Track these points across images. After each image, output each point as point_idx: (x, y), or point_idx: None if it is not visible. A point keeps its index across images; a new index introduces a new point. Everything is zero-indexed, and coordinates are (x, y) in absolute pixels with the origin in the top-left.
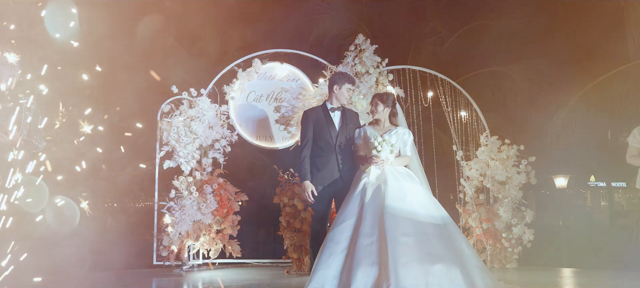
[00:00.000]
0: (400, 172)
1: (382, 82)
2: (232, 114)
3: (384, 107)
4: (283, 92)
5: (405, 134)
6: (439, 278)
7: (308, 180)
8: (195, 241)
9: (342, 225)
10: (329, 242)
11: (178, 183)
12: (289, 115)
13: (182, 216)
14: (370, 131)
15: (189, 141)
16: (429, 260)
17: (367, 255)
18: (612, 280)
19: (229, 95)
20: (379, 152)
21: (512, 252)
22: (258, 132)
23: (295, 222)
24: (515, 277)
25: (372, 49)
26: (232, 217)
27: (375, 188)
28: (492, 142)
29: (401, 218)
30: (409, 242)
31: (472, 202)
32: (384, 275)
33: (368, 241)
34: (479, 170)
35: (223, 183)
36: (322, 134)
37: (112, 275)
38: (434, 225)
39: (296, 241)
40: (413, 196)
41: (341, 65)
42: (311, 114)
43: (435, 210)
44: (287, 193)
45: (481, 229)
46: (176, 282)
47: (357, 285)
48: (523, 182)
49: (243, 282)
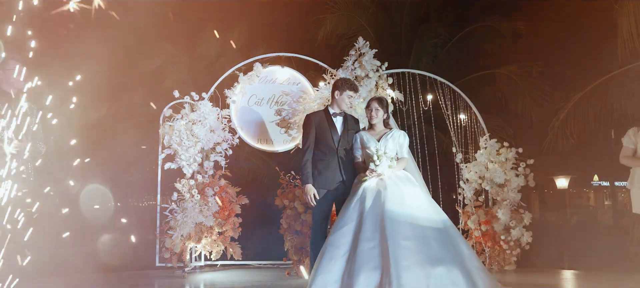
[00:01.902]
0: (399, 176)
1: (381, 86)
2: (233, 118)
3: (384, 113)
4: (284, 95)
5: (401, 136)
6: (441, 281)
7: (310, 183)
8: (197, 243)
9: (342, 229)
10: (330, 246)
11: (180, 186)
12: (289, 118)
13: (184, 218)
14: (366, 136)
15: (190, 144)
16: (430, 263)
17: (369, 259)
18: (610, 281)
19: (230, 98)
20: (377, 166)
21: (511, 254)
22: (259, 135)
23: (296, 224)
24: (514, 279)
25: (372, 52)
26: (233, 219)
27: (375, 194)
28: (490, 145)
29: (401, 222)
30: (410, 245)
31: (471, 204)
32: (386, 278)
33: (369, 245)
34: (478, 173)
35: (224, 186)
36: (324, 138)
37: (115, 276)
38: (434, 228)
39: (297, 243)
40: (413, 200)
41: (341, 69)
42: (313, 118)
43: (435, 213)
44: (288, 195)
45: (480, 231)
46: (178, 284)
47: None
48: (521, 184)
49: (245, 283)
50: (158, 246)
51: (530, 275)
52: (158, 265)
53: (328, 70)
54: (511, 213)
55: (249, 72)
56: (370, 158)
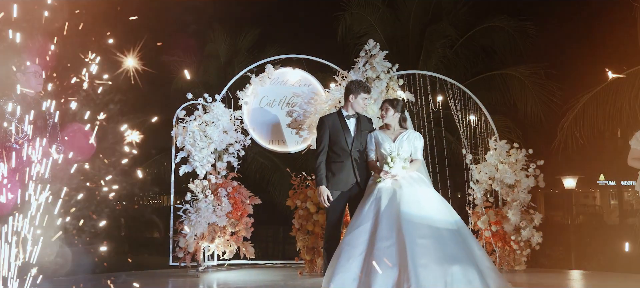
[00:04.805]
0: (413, 177)
1: (392, 87)
2: (245, 119)
3: (394, 112)
4: (295, 97)
5: (416, 138)
6: (458, 279)
7: (323, 185)
8: (210, 243)
9: (358, 229)
10: (346, 246)
11: (193, 187)
12: (300, 119)
13: (197, 219)
14: (381, 136)
15: (204, 145)
16: (447, 262)
17: (387, 258)
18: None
19: (242, 100)
20: (391, 167)
21: (521, 255)
22: (271, 136)
23: (307, 224)
24: (524, 279)
25: (382, 54)
26: (246, 219)
27: (391, 194)
28: (500, 146)
29: (417, 223)
30: (427, 244)
31: (481, 205)
32: (404, 276)
33: (386, 244)
34: (488, 173)
35: (237, 186)
36: (338, 140)
37: (129, 276)
38: (449, 229)
39: (309, 243)
40: (428, 201)
41: (352, 70)
42: (327, 120)
43: (449, 214)
44: (300, 196)
45: (490, 232)
46: (192, 283)
47: (377, 286)
48: (531, 185)
49: (258, 282)
50: (172, 246)
51: (540, 275)
52: (171, 264)
53: (339, 71)
54: (521, 213)
55: (260, 73)
56: (384, 160)
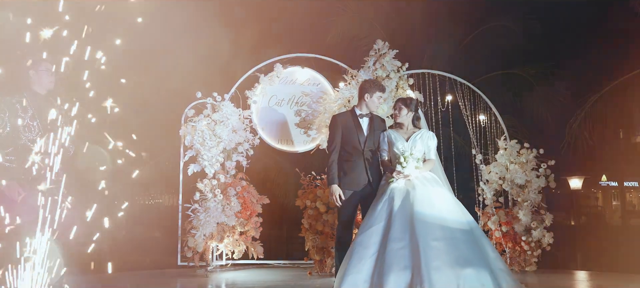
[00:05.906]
0: (426, 177)
1: (402, 86)
2: (254, 118)
3: (408, 111)
4: (303, 96)
5: (429, 138)
6: (470, 282)
7: (335, 184)
8: (219, 242)
9: (370, 229)
10: (358, 246)
11: (202, 186)
12: (309, 119)
13: (207, 218)
14: (394, 135)
15: (213, 144)
16: (460, 264)
17: (399, 259)
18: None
19: (251, 99)
20: (404, 167)
21: (532, 255)
22: (280, 135)
23: (317, 224)
24: (535, 280)
25: (392, 53)
26: (254, 219)
27: (404, 194)
28: (511, 146)
29: (431, 223)
30: (440, 246)
31: (492, 205)
32: (416, 278)
33: (399, 245)
34: (499, 174)
35: (246, 186)
36: (351, 139)
37: (136, 276)
38: (462, 230)
39: (318, 243)
40: (441, 201)
41: (362, 69)
42: (340, 118)
43: (462, 215)
44: (309, 195)
45: (500, 232)
46: (201, 283)
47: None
48: (542, 185)
49: (267, 282)
50: (180, 245)
51: (551, 276)
52: (180, 263)
53: (348, 71)
54: (532, 214)
55: (269, 72)
56: (397, 160)
